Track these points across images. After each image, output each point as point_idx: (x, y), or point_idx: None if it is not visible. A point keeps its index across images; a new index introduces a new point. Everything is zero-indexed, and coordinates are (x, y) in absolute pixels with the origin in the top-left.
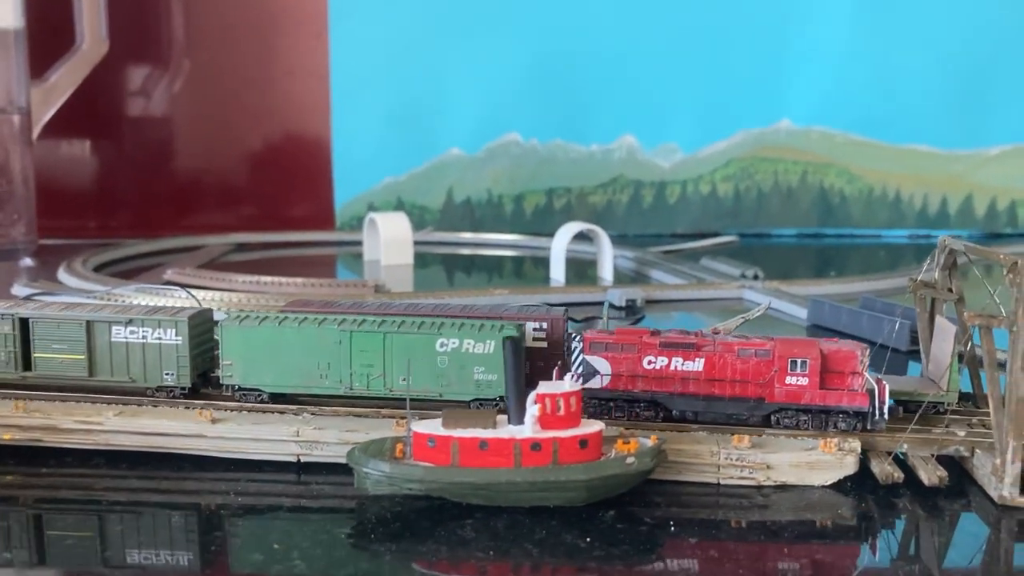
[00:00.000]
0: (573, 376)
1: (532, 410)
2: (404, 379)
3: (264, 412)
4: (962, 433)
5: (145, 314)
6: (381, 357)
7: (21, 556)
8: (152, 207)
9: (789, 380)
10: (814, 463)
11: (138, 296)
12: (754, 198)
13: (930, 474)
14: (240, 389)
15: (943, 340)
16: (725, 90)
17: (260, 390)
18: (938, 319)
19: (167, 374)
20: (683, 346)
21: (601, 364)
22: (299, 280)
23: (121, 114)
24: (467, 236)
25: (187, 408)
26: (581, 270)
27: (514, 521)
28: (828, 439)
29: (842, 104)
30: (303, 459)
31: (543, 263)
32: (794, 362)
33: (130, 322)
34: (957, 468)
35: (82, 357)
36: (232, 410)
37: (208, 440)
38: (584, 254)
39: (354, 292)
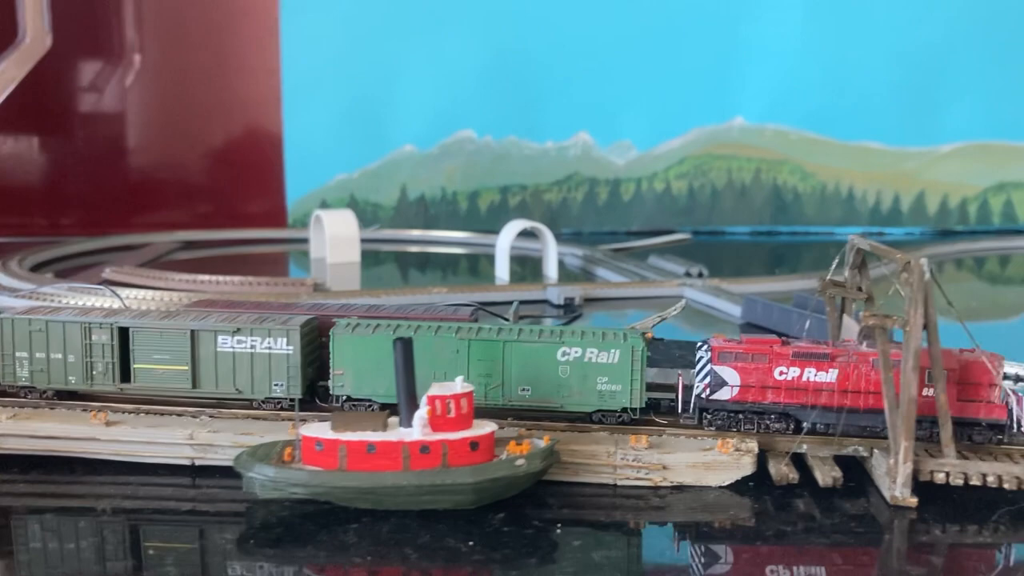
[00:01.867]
0: (701, 387)
1: (420, 412)
2: (524, 389)
3: (161, 415)
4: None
5: (254, 323)
6: (500, 366)
7: None
8: (103, 204)
9: (926, 392)
10: (711, 464)
11: (66, 295)
12: (708, 195)
13: (825, 475)
14: (351, 400)
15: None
16: (679, 88)
17: (372, 400)
18: (845, 319)
19: (276, 385)
20: (817, 356)
21: (730, 374)
22: (236, 279)
23: (70, 110)
24: (415, 234)
25: (83, 411)
26: (533, 268)
27: (401, 525)
28: (725, 439)
29: (795, 101)
30: (198, 463)
31: (493, 261)
32: (931, 373)
33: (238, 331)
34: (861, 469)
35: (186, 368)
36: (128, 412)
37: (101, 443)
38: (536, 252)
39: (293, 291)
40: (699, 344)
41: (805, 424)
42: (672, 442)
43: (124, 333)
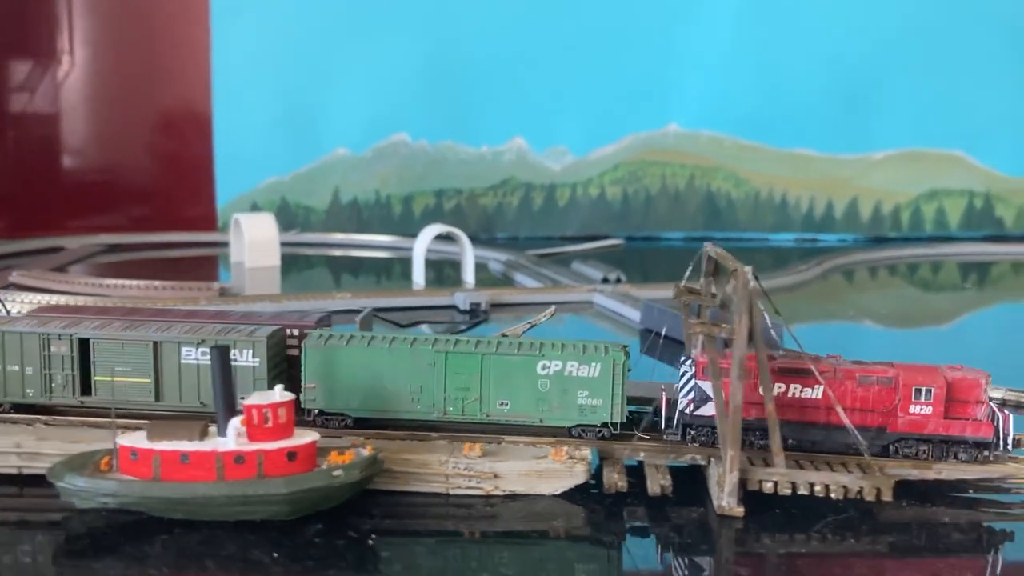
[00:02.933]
0: (685, 402)
1: (234, 422)
2: (503, 403)
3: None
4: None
5: (219, 333)
6: (478, 380)
7: None
8: (35, 207)
9: (913, 409)
10: (543, 472)
11: None
12: (642, 201)
13: (655, 483)
14: (323, 414)
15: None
16: (614, 94)
17: (345, 415)
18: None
19: (242, 398)
20: (801, 372)
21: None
22: (141, 283)
23: (1, 111)
24: (339, 237)
25: None
26: (456, 273)
27: (212, 536)
28: (559, 447)
29: (729, 109)
30: (25, 471)
31: (397, 264)
32: (919, 390)
33: (202, 342)
34: (701, 477)
35: (148, 380)
36: None
37: None
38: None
39: (197, 296)
40: (682, 359)
41: (790, 441)
42: (506, 450)
43: (84, 344)
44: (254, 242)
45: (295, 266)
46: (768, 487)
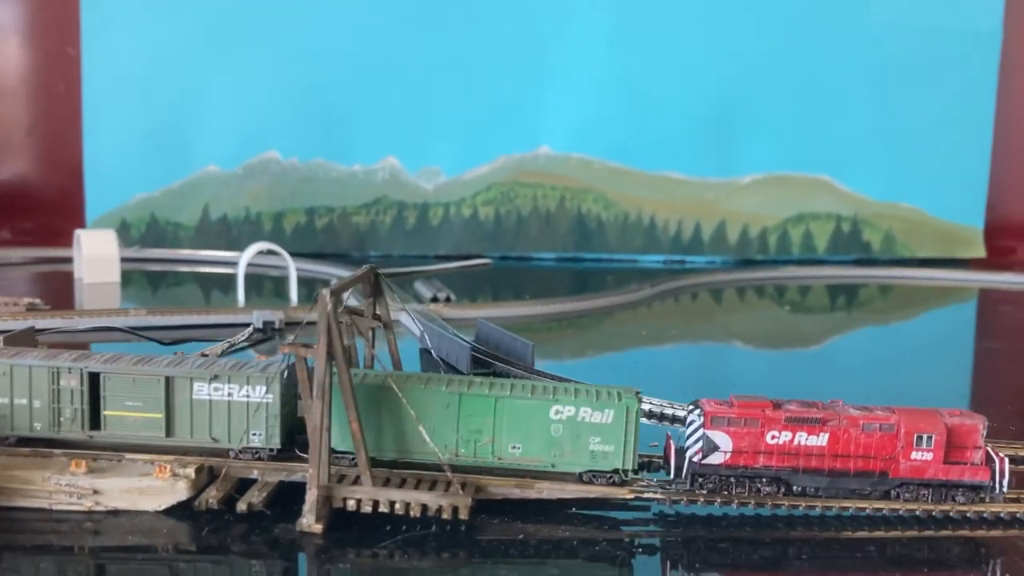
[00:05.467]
0: (694, 451)
1: None
2: (515, 447)
3: None
4: None
5: (231, 369)
6: (491, 423)
7: None
8: None
9: (915, 456)
10: (145, 489)
11: None
12: (514, 222)
13: (244, 500)
14: (335, 452)
15: None
16: (487, 116)
17: (355, 454)
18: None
19: (254, 434)
20: (808, 421)
21: (722, 439)
22: None
23: None
24: (185, 253)
25: None
26: (308, 291)
27: None
28: (163, 464)
29: (599, 132)
30: None
31: (268, 280)
32: (920, 437)
33: (215, 378)
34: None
35: (159, 416)
36: None
37: None
38: (321, 275)
39: (2, 311)
40: (689, 407)
41: (795, 488)
42: (109, 467)
43: (95, 378)
44: (93, 258)
45: (127, 282)
46: (351, 505)
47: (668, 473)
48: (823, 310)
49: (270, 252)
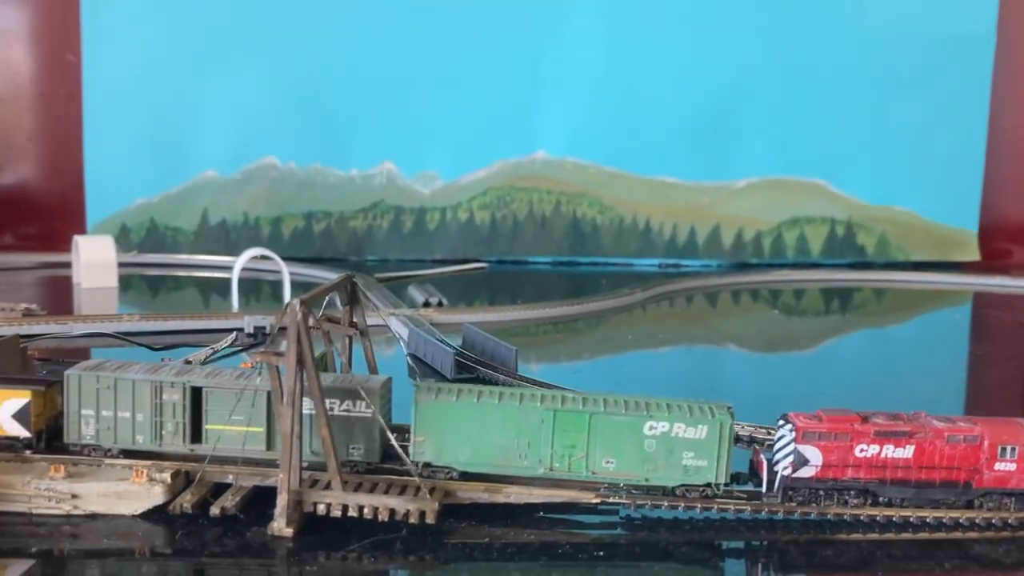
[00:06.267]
0: (786, 465)
1: None
2: (608, 461)
3: None
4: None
5: (332, 383)
6: (585, 438)
7: None
8: None
9: (999, 466)
10: (122, 493)
11: None
12: (510, 226)
13: (218, 504)
14: (430, 466)
15: None
16: (483, 120)
17: (452, 468)
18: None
19: (353, 448)
20: (896, 434)
21: (813, 454)
22: None
23: None
24: (182, 258)
25: None
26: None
27: None
28: (140, 469)
29: (594, 136)
30: None
31: (266, 285)
32: (1004, 448)
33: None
34: None
35: (261, 430)
36: None
37: None
38: (317, 279)
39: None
40: (780, 422)
41: (882, 499)
42: (87, 471)
43: (197, 393)
44: (90, 263)
45: (136, 288)
46: (321, 509)
47: (757, 486)
48: (818, 313)
49: (263, 257)
